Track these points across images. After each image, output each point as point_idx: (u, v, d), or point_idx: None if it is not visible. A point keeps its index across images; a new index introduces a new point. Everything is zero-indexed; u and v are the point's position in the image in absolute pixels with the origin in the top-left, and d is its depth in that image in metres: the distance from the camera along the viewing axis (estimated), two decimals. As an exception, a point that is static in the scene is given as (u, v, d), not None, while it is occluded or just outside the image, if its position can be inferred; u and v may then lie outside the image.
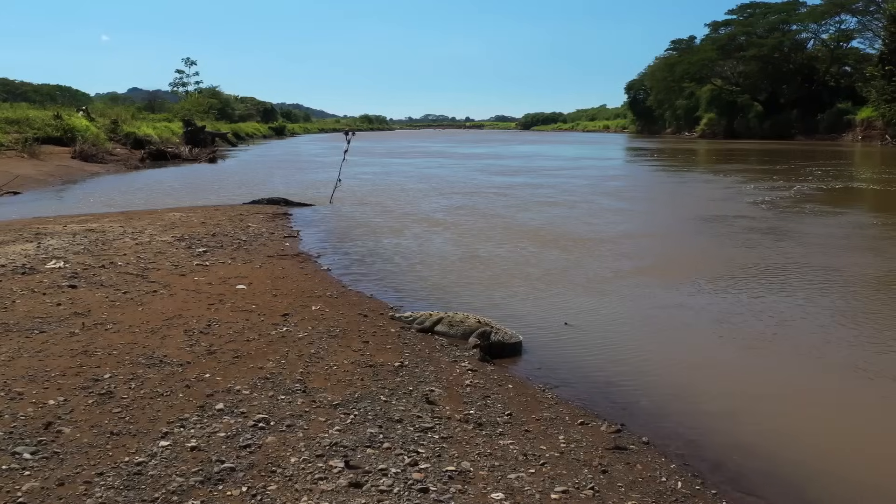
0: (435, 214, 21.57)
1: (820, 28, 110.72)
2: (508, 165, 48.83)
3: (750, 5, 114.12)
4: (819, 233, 18.67)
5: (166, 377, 7.03)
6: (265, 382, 7.03)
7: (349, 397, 6.76)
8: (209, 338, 8.38)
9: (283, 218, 20.08)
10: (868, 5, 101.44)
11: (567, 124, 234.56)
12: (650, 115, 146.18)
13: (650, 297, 11.64)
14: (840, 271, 13.60)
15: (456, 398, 7.00)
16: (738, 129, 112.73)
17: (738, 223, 20.35)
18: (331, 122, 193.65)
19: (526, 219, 20.97)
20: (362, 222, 19.94)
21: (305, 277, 12.41)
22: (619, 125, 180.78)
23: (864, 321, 10.24)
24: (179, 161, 45.85)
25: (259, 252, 14.36)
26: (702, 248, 16.68)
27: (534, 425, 6.43)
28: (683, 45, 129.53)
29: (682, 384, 7.86)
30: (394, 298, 11.41)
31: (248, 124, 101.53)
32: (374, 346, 8.57)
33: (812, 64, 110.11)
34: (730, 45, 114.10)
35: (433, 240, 17.07)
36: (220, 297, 10.37)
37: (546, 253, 15.47)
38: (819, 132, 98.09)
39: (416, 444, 5.82)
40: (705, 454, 6.15)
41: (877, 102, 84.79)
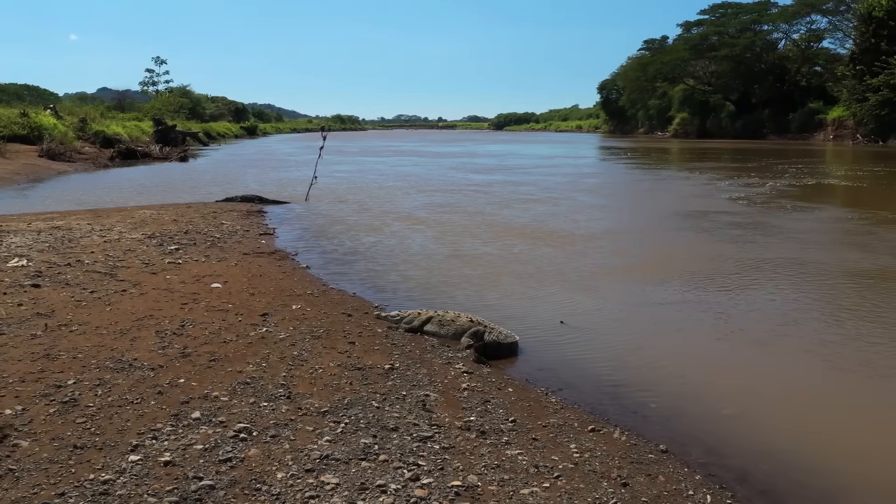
0: (416, 212, 21.00)
1: (791, 28, 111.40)
2: (483, 164, 48.33)
3: (722, 5, 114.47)
4: (800, 228, 18.48)
5: (136, 383, 6.42)
6: (245, 388, 6.44)
7: (338, 403, 6.19)
8: (183, 339, 7.77)
9: (258, 215, 19.42)
10: (838, 5, 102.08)
11: (540, 124, 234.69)
12: (623, 114, 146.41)
13: (643, 295, 11.15)
14: (830, 266, 13.23)
15: (454, 403, 6.45)
16: (711, 129, 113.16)
17: (720, 218, 20.11)
18: (303, 123, 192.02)
19: (509, 216, 20.46)
20: (340, 220, 19.32)
21: (284, 276, 11.80)
22: (591, 125, 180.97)
23: (869, 317, 9.81)
24: (150, 160, 44.90)
25: (234, 250, 13.73)
26: (688, 243, 16.25)
27: (541, 433, 5.90)
28: (656, 45, 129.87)
29: (691, 385, 7.37)
30: (378, 297, 10.84)
31: (219, 124, 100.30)
32: (360, 347, 8.01)
33: (783, 64, 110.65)
34: (702, 45, 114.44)
35: (416, 238, 16.50)
36: (193, 297, 9.75)
37: (533, 250, 14.95)
38: (791, 132, 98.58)
39: (416, 455, 5.27)
40: (729, 462, 5.64)
41: (848, 102, 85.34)
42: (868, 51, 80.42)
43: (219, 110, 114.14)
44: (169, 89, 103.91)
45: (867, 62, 79.39)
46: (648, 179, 36.56)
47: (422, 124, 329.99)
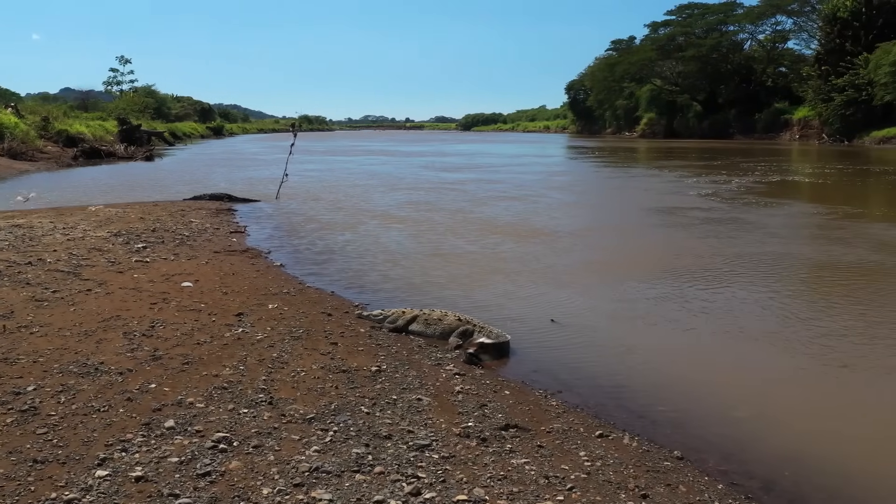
0: (391, 210, 20.51)
1: (757, 29, 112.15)
2: (452, 163, 47.85)
3: (688, 6, 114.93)
4: (774, 223, 18.43)
5: (103, 388, 5.89)
6: (223, 393, 5.93)
7: (324, 409, 5.70)
8: (153, 341, 7.24)
9: (228, 213, 18.82)
10: (803, 6, 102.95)
11: (507, 125, 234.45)
12: (590, 115, 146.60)
13: (631, 292, 10.74)
14: (815, 260, 13.00)
15: (448, 408, 5.98)
16: (678, 129, 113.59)
17: (694, 214, 19.96)
18: (270, 123, 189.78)
19: (488, 213, 20.03)
20: (313, 218, 18.77)
21: (258, 274, 11.28)
22: (559, 125, 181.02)
23: (862, 312, 9.49)
24: (114, 159, 43.86)
25: (204, 248, 13.17)
26: (667, 239, 15.90)
27: (546, 439, 5.45)
28: (623, 46, 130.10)
29: (694, 386, 6.97)
30: (358, 296, 10.35)
31: (185, 124, 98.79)
32: (343, 348, 7.52)
33: (750, 64, 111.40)
34: (669, 46, 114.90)
35: (393, 235, 16.02)
36: (163, 296, 9.20)
37: (516, 247, 14.53)
38: (757, 131, 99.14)
39: (414, 466, 4.80)
40: (751, 469, 5.23)
41: (814, 102, 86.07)
42: (833, 51, 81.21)
43: (184, 110, 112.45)
44: (133, 89, 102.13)
45: (832, 62, 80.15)
46: (619, 177, 36.33)
47: (389, 125, 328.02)
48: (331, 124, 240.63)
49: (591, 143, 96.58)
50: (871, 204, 24.68)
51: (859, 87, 76.05)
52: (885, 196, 27.00)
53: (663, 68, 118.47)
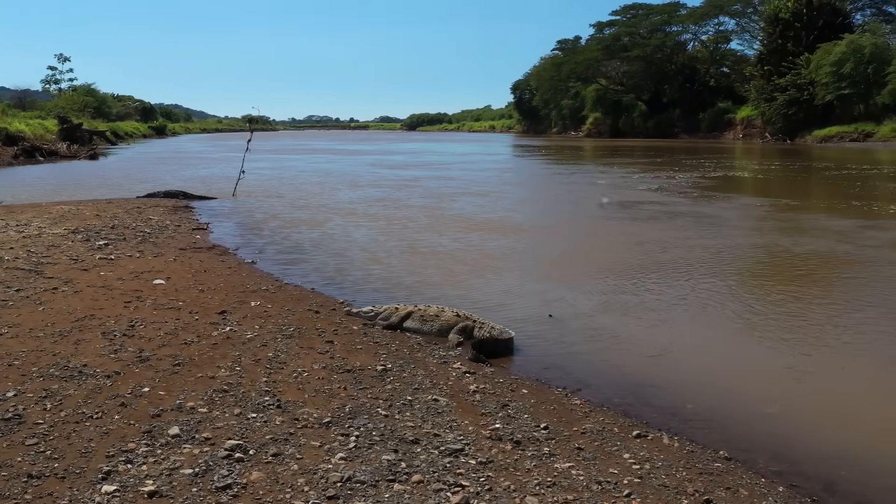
0: (355, 207, 20.00)
1: (700, 29, 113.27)
2: (402, 161, 47.28)
3: (633, 6, 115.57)
4: (730, 216, 18.85)
5: (91, 393, 5.35)
6: (224, 396, 5.43)
7: (339, 412, 5.24)
8: (136, 341, 6.69)
9: (186, 211, 18.14)
10: (745, 7, 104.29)
11: (452, 125, 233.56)
12: (536, 114, 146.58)
13: (618, 283, 10.41)
14: (786, 250, 12.83)
15: (469, 409, 5.56)
16: (624, 128, 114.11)
17: (653, 208, 20.06)
18: (212, 123, 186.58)
19: (453, 209, 19.66)
20: (275, 215, 18.18)
21: (230, 271, 10.74)
22: (504, 125, 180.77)
23: (870, 301, 9.31)
24: (56, 158, 42.45)
25: (168, 245, 12.56)
26: (638, 232, 15.58)
27: (583, 441, 5.06)
28: (569, 45, 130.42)
29: (716, 380, 6.63)
30: (340, 293, 9.87)
31: (127, 123, 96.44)
32: (341, 346, 7.05)
33: (693, 64, 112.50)
34: (614, 46, 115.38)
35: (365, 232, 15.53)
36: (136, 294, 8.63)
37: (491, 242, 14.17)
38: (701, 131, 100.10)
39: (453, 473, 4.37)
40: (805, 470, 4.89)
41: (757, 101, 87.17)
42: (775, 51, 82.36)
43: (125, 110, 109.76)
44: (73, 88, 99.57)
45: (775, 62, 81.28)
46: (571, 174, 36.14)
47: (333, 125, 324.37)
48: (274, 124, 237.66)
49: (538, 142, 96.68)
50: (815, 197, 25.17)
51: (801, 87, 77.26)
52: (826, 190, 27.20)
53: (609, 68, 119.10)
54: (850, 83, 71.04)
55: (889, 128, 66.83)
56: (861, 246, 13.74)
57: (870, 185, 28.08)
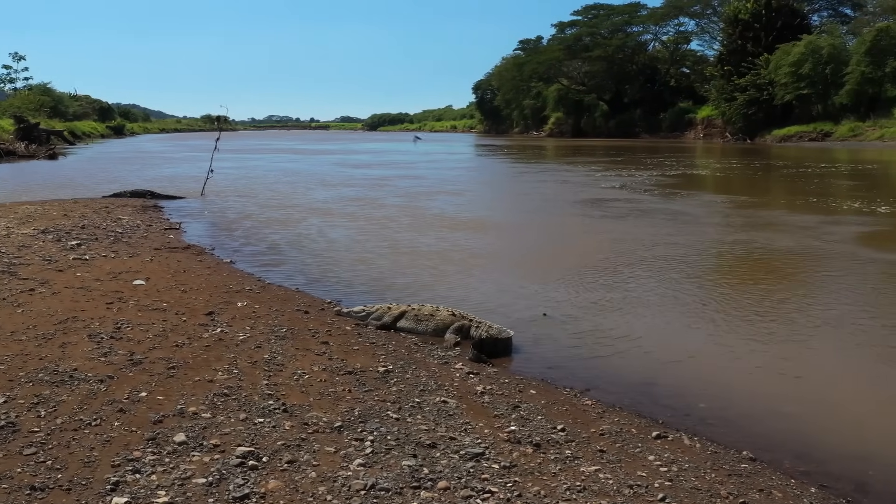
0: (329, 206, 19.70)
1: (660, 30, 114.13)
2: (366, 160, 46.84)
3: (594, 7, 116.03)
4: (698, 213, 18.91)
5: (86, 398, 5.09)
6: (226, 400, 5.20)
7: (349, 416, 5.03)
8: (124, 344, 6.42)
9: (155, 210, 17.75)
10: (705, 9, 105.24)
11: (414, 125, 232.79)
12: (498, 114, 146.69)
13: (606, 280, 10.30)
14: (761, 247, 12.83)
15: (480, 410, 5.38)
16: (586, 128, 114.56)
17: (623, 206, 20.15)
18: (171, 123, 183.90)
19: (429, 207, 19.51)
20: (248, 215, 17.85)
21: (210, 271, 10.46)
22: (466, 125, 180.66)
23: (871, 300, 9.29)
24: (14, 158, 41.47)
25: (142, 245, 12.22)
26: (610, 229, 15.60)
27: (603, 443, 4.90)
28: (531, 46, 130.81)
29: (724, 378, 6.52)
30: (326, 293, 9.64)
31: (84, 123, 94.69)
32: (337, 347, 6.83)
33: (654, 65, 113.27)
34: (576, 46, 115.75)
35: (341, 231, 15.29)
36: (118, 295, 8.32)
37: (474, 240, 14.03)
38: (662, 130, 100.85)
39: (478, 478, 4.18)
40: (832, 470, 4.78)
41: (717, 101, 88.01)
42: (735, 52, 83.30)
43: (83, 109, 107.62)
44: (28, 87, 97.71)
45: (735, 63, 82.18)
46: (535, 173, 36.02)
47: (294, 125, 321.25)
48: (234, 124, 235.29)
49: (500, 142, 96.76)
50: (776, 194, 25.50)
51: (761, 87, 78.22)
52: (787, 187, 27.43)
53: (570, 68, 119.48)
54: (809, 83, 72.13)
55: (847, 127, 67.89)
56: (834, 241, 13.77)
57: (827, 182, 28.34)
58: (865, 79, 67.18)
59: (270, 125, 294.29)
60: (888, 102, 66.02)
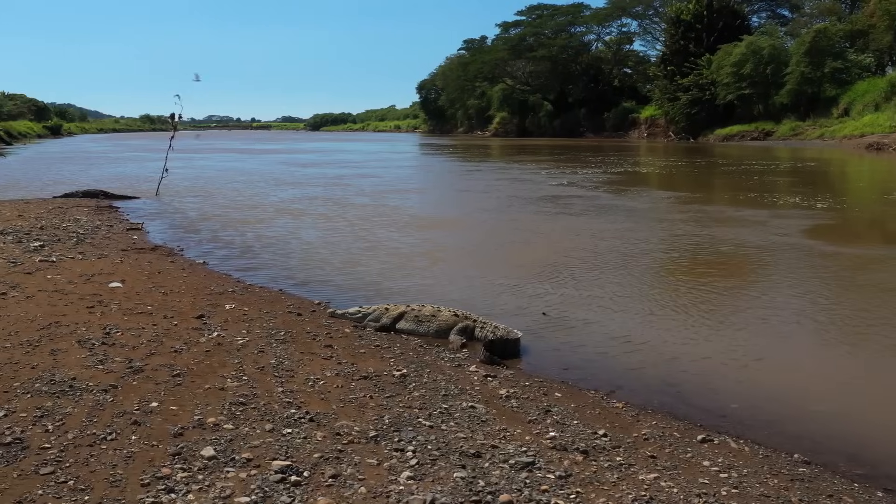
0: (292, 205, 19.22)
1: (603, 30, 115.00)
2: (312, 159, 46.19)
3: (538, 7, 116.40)
4: (646, 207, 19.07)
5: (93, 410, 4.71)
6: (245, 410, 4.86)
7: (379, 424, 4.73)
8: (119, 350, 6.02)
9: (111, 211, 17.14)
10: (647, 9, 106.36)
11: (357, 124, 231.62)
12: (442, 114, 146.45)
13: (590, 276, 10.09)
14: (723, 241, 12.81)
15: (511, 416, 5.12)
16: (530, 128, 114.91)
17: (578, 202, 20.22)
18: (109, 123, 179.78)
19: (398, 205, 19.25)
20: (210, 214, 17.33)
21: (185, 273, 10.04)
22: (410, 125, 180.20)
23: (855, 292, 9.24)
24: (-51, 158, 40.19)
25: (108, 246, 11.72)
26: (575, 226, 15.37)
27: (651, 448, 4.66)
28: (475, 45, 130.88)
29: (746, 377, 6.31)
30: (312, 294, 9.30)
31: (20, 122, 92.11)
32: (343, 351, 6.51)
33: (598, 65, 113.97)
34: (520, 46, 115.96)
35: (313, 231, 14.87)
36: (97, 298, 7.88)
37: (450, 237, 13.86)
38: (607, 130, 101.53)
39: (538, 490, 3.92)
40: (891, 472, 4.61)
41: (660, 101, 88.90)
42: (678, 52, 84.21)
43: (17, 109, 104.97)
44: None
45: (677, 63, 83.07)
46: (487, 171, 35.73)
47: (235, 125, 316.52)
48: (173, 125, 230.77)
49: (445, 141, 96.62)
50: (724, 191, 25.64)
51: (703, 87, 79.14)
52: (732, 184, 27.63)
53: (515, 68, 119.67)
54: (750, 83, 73.11)
55: (788, 127, 69.01)
56: (799, 237, 13.82)
57: (770, 180, 28.58)
58: (805, 79, 68.27)
59: (210, 125, 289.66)
60: (827, 102, 67.24)
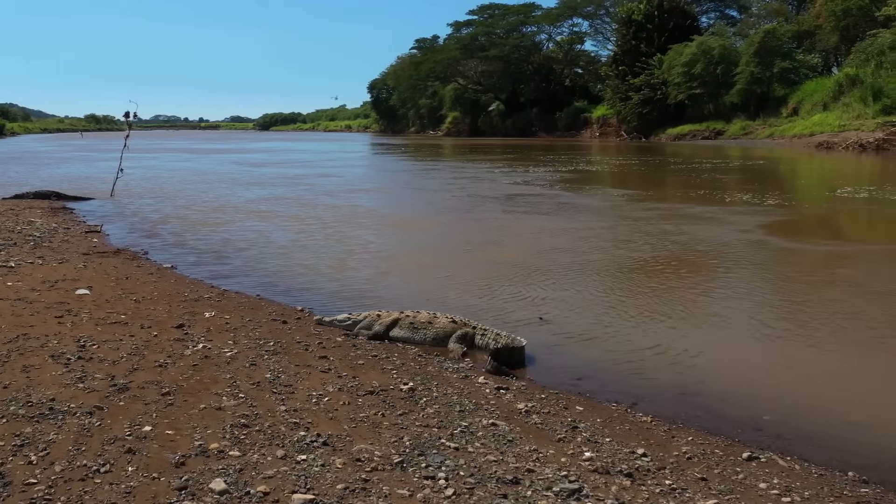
0: (256, 206, 18.60)
1: (555, 30, 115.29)
2: (264, 159, 45.33)
3: (489, 6, 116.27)
4: (607, 205, 18.21)
5: (80, 437, 4.21)
6: (249, 433, 4.39)
7: (400, 447, 4.30)
8: (98, 366, 5.50)
9: (66, 213, 16.43)
10: (598, 10, 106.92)
11: (307, 124, 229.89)
12: (394, 114, 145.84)
13: (579, 278, 9.75)
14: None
15: (537, 434, 4.72)
16: (483, 127, 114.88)
17: (539, 200, 20.23)
18: (54, 122, 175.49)
19: (363, 205, 18.86)
20: (171, 215, 16.68)
21: (155, 278, 9.48)
22: (361, 125, 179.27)
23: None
24: None
25: (68, 250, 11.11)
26: (542, 225, 15.13)
27: (698, 469, 4.28)
28: (427, 45, 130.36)
29: (768, 385, 5.97)
30: (293, 300, 8.80)
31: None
32: (339, 363, 6.05)
33: (549, 64, 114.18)
34: (472, 45, 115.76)
35: (281, 232, 14.34)
36: (65, 307, 7.32)
37: (425, 238, 13.48)
38: (559, 129, 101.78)
39: (594, 521, 3.52)
40: (952, 489, 4.31)
41: (612, 101, 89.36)
42: (629, 52, 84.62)
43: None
44: None
45: (629, 63, 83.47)
46: (443, 170, 35.38)
47: (183, 125, 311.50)
48: (121, 124, 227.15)
49: (397, 141, 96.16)
50: (683, 188, 25.36)
51: (654, 87, 79.66)
52: (691, 182, 27.59)
53: (467, 68, 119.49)
54: (701, 83, 73.70)
55: (738, 126, 69.68)
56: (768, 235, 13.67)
57: (725, 178, 28.60)
58: (754, 79, 69.03)
59: (157, 125, 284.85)
60: (776, 102, 68.09)
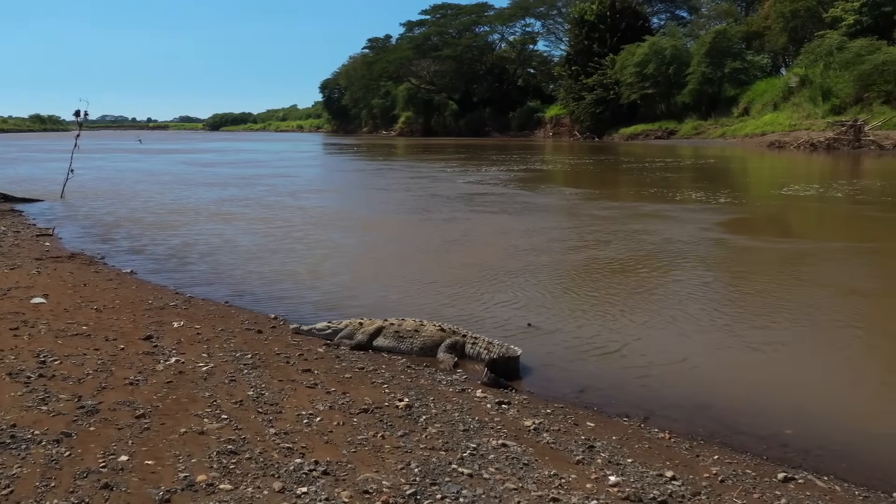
0: (217, 207, 18.01)
1: (507, 30, 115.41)
2: (214, 159, 44.78)
3: (442, 6, 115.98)
4: (569, 204, 18.04)
5: (48, 470, 3.72)
6: (238, 461, 3.93)
7: (409, 475, 3.87)
8: (62, 384, 4.99)
9: (14, 215, 15.72)
10: (550, 10, 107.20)
11: (258, 124, 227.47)
12: (346, 113, 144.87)
13: (560, 281, 9.46)
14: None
15: (553, 455, 4.34)
16: (436, 127, 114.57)
17: (500, 200, 20.18)
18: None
19: (319, 205, 18.43)
20: (126, 217, 16.02)
21: (115, 284, 8.95)
22: (313, 125, 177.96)
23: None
24: None
25: (19, 255, 10.50)
26: (510, 225, 14.84)
27: (736, 494, 3.92)
28: (380, 44, 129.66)
29: (779, 394, 5.66)
30: (265, 307, 8.29)
31: None
32: (325, 377, 5.62)
33: (502, 64, 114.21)
34: (425, 45, 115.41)
35: (244, 235, 13.78)
36: (20, 318, 6.76)
37: (393, 240, 13.04)
38: (512, 129, 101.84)
39: (640, 560, 3.15)
40: None
41: (566, 100, 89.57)
42: (582, 52, 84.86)
43: None
44: None
45: (582, 63, 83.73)
46: (398, 170, 35.01)
47: (130, 125, 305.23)
48: (67, 124, 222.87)
49: (349, 140, 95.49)
50: (639, 187, 25.23)
51: (607, 87, 80.00)
52: (646, 181, 27.59)
53: (420, 67, 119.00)
54: (653, 83, 74.19)
55: (690, 126, 70.30)
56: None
57: (678, 177, 28.67)
58: (706, 79, 69.67)
59: (104, 125, 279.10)
60: (727, 102, 68.88)
